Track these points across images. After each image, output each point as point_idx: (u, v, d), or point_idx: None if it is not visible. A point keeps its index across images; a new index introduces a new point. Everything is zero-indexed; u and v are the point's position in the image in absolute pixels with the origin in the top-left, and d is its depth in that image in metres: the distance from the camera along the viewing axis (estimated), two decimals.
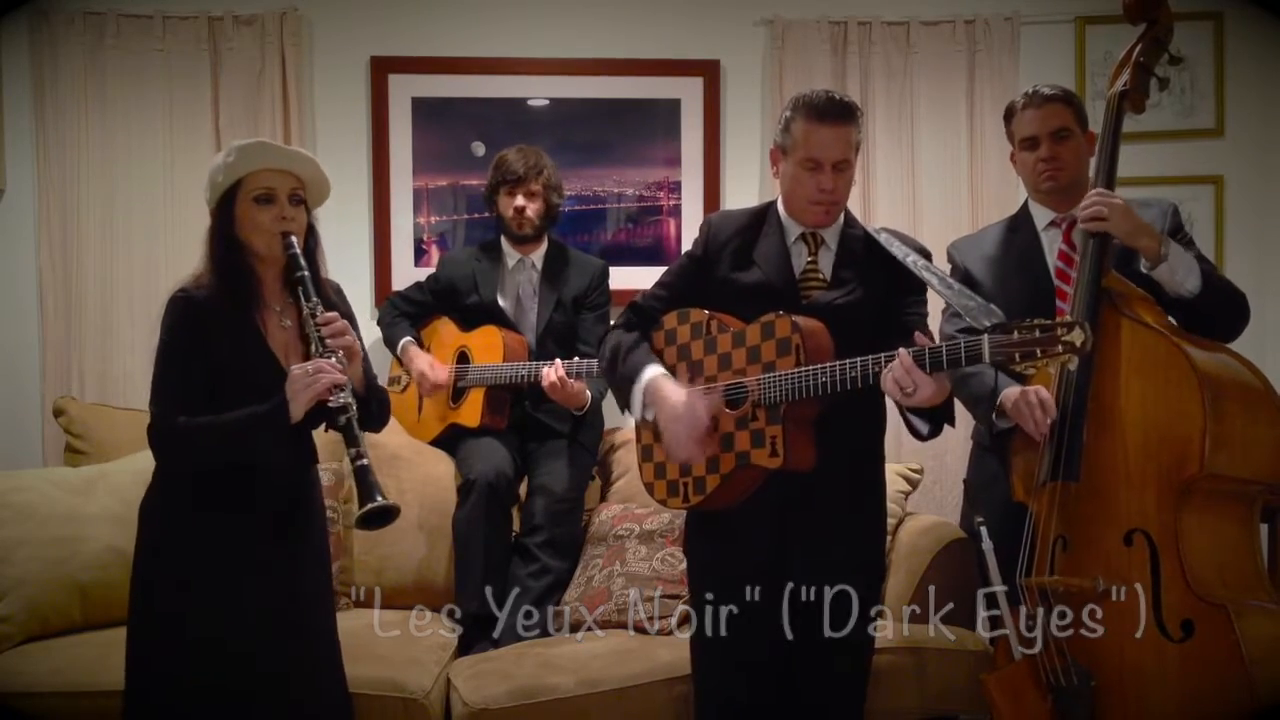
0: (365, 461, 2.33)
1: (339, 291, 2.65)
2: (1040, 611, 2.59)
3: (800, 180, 2.58)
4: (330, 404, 2.34)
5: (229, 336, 2.42)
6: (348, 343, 2.43)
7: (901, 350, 2.32)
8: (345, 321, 2.46)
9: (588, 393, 3.62)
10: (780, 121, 2.63)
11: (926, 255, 2.63)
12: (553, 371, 3.53)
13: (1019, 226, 3.02)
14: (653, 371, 2.60)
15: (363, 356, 2.55)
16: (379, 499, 2.30)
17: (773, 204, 2.71)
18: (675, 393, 2.55)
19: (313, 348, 2.41)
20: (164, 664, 2.42)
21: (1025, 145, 2.95)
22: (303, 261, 2.46)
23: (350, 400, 2.36)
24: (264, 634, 2.43)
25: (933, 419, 2.47)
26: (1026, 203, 3.04)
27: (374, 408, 2.56)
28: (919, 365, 2.30)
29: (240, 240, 2.47)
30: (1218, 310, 2.74)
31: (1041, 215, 2.98)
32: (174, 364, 2.42)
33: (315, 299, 2.44)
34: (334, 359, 2.38)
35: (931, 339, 2.39)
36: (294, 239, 2.46)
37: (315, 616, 2.57)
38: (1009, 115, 3.01)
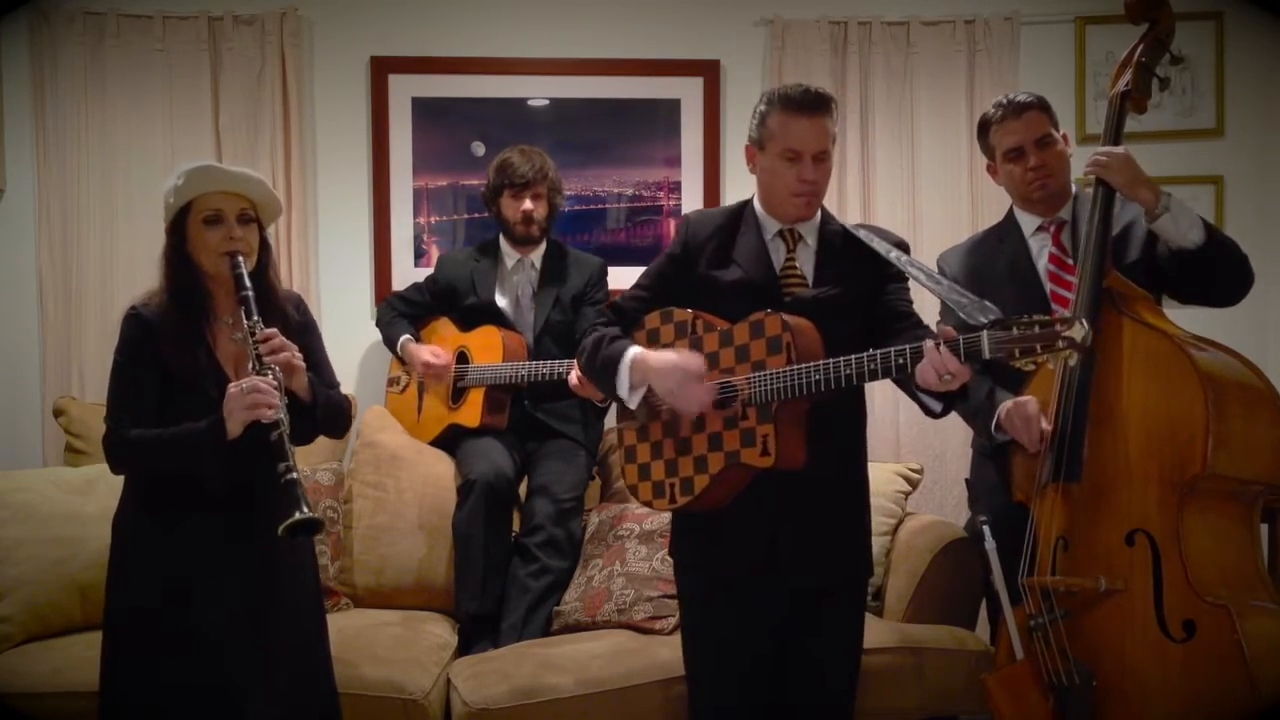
0: (293, 476, 2.40)
1: (299, 304, 2.75)
2: (1042, 611, 2.58)
3: (779, 173, 2.57)
4: (263, 420, 2.43)
5: (180, 350, 2.53)
6: (284, 359, 2.51)
7: (929, 343, 2.27)
8: (283, 339, 2.54)
9: None
10: (755, 116, 2.62)
11: (905, 249, 2.63)
12: (575, 374, 3.52)
13: (1006, 235, 3.01)
14: (637, 349, 2.58)
15: (316, 353, 2.69)
16: (299, 513, 2.36)
17: (748, 202, 2.70)
18: (662, 355, 2.54)
19: (250, 365, 2.51)
20: (134, 665, 2.53)
21: (1011, 156, 2.92)
22: (247, 281, 2.54)
23: (283, 417, 2.44)
24: (232, 634, 2.50)
25: (945, 397, 2.45)
26: (1011, 210, 3.03)
27: (319, 414, 2.63)
28: (955, 354, 2.24)
29: (192, 259, 2.58)
30: (1220, 264, 2.73)
31: (1029, 222, 2.97)
32: (126, 378, 2.56)
33: (256, 317, 2.52)
34: (270, 375, 2.48)
35: (935, 334, 2.37)
36: (241, 259, 2.55)
37: (291, 615, 2.61)
38: (984, 128, 2.99)
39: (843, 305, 2.57)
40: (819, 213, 2.67)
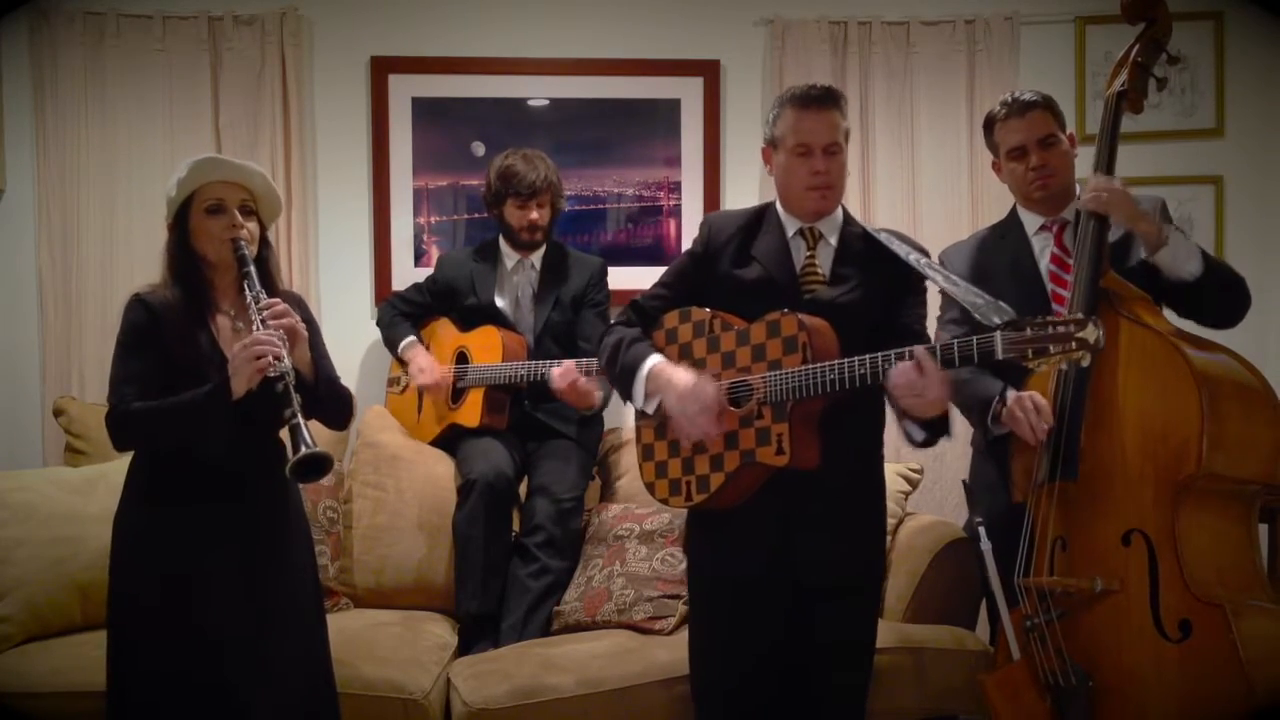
0: (297, 420, 2.41)
1: (301, 303, 2.75)
2: (1038, 612, 2.59)
3: (793, 169, 2.60)
4: (269, 374, 2.44)
5: (183, 336, 2.55)
6: (288, 324, 2.52)
7: (920, 348, 2.31)
8: (286, 305, 2.55)
9: (598, 393, 3.61)
10: (768, 120, 2.67)
11: (925, 255, 2.64)
12: (560, 377, 3.52)
13: (1008, 233, 3.01)
14: (657, 359, 2.60)
15: (317, 348, 2.68)
16: (305, 447, 2.36)
17: (771, 204, 2.73)
18: (682, 375, 2.55)
19: (254, 329, 2.51)
20: (136, 661, 2.53)
21: (1013, 155, 2.92)
22: (250, 260, 2.57)
23: (287, 368, 2.45)
24: (232, 633, 2.51)
25: (930, 427, 2.47)
26: (1015, 209, 3.03)
27: (321, 391, 2.62)
28: (932, 358, 2.27)
29: (195, 251, 2.61)
30: (1218, 293, 2.74)
31: (1031, 221, 2.97)
32: (129, 357, 2.57)
33: (259, 289, 2.55)
34: (275, 335, 2.49)
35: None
36: (243, 243, 2.57)
37: (291, 613, 2.62)
38: (989, 125, 2.99)
39: (860, 306, 2.58)
40: (841, 212, 2.68)
